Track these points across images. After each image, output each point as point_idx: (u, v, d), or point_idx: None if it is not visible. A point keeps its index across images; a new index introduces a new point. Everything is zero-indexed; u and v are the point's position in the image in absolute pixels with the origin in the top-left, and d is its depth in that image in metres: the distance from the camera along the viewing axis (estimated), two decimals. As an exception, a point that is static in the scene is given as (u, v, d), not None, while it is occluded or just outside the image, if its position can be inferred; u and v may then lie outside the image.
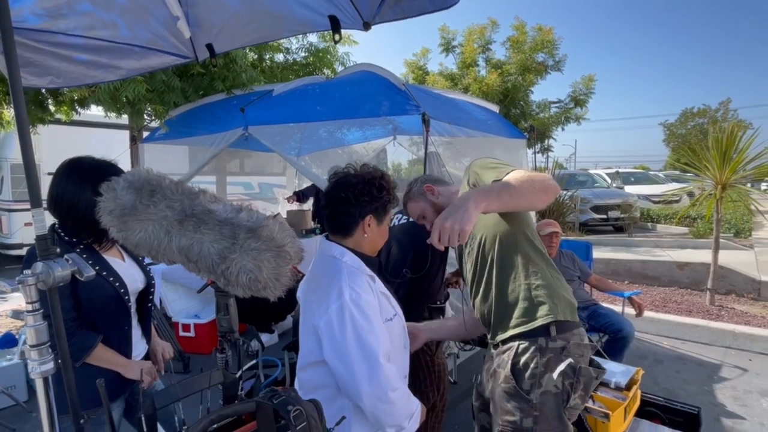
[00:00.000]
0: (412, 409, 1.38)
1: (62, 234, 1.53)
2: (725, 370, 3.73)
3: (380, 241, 1.48)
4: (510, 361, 1.38)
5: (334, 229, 1.43)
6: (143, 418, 0.85)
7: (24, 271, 1.02)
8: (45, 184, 1.60)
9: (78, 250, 1.50)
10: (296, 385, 1.40)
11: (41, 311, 1.05)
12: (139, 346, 1.70)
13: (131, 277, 1.64)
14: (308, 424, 0.98)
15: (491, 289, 1.47)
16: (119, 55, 2.06)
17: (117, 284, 1.55)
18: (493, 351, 1.52)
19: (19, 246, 7.75)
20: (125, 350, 1.61)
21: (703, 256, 6.24)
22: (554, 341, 1.35)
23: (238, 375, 1.10)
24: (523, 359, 1.35)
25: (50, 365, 1.07)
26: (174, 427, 1.60)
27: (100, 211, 1.04)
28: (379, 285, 1.40)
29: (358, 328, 1.22)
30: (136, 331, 1.69)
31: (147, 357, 1.75)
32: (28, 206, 1.02)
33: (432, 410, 2.20)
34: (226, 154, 6.21)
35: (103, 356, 1.51)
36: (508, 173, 1.34)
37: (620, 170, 15.31)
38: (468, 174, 1.53)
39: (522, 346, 1.37)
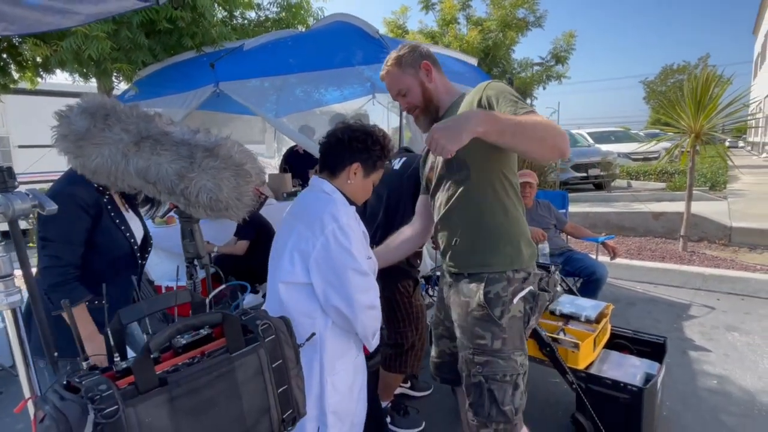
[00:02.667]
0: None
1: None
2: (694, 309, 3.89)
3: (362, 194, 1.54)
4: (482, 291, 1.46)
5: (323, 166, 1.51)
6: (109, 333, 0.86)
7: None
8: (15, 157, 1.54)
9: (105, 199, 1.46)
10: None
11: (2, 243, 1.05)
12: None
13: (137, 230, 1.63)
14: (277, 338, 1.01)
15: (466, 221, 1.51)
16: (75, -1, 1.97)
17: (132, 240, 1.55)
18: (449, 278, 1.60)
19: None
20: (126, 298, 1.61)
21: (678, 207, 6.40)
22: (518, 272, 1.48)
23: (207, 300, 1.11)
24: (493, 289, 1.46)
25: (17, 297, 1.07)
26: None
27: (56, 138, 1.02)
28: (362, 225, 1.47)
29: (352, 248, 1.34)
30: None
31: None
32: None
33: (411, 349, 2.28)
34: (201, 121, 6.04)
35: (78, 315, 1.44)
36: (527, 113, 1.27)
37: (586, 131, 15.16)
38: (480, 93, 1.43)
39: (491, 277, 1.47)
